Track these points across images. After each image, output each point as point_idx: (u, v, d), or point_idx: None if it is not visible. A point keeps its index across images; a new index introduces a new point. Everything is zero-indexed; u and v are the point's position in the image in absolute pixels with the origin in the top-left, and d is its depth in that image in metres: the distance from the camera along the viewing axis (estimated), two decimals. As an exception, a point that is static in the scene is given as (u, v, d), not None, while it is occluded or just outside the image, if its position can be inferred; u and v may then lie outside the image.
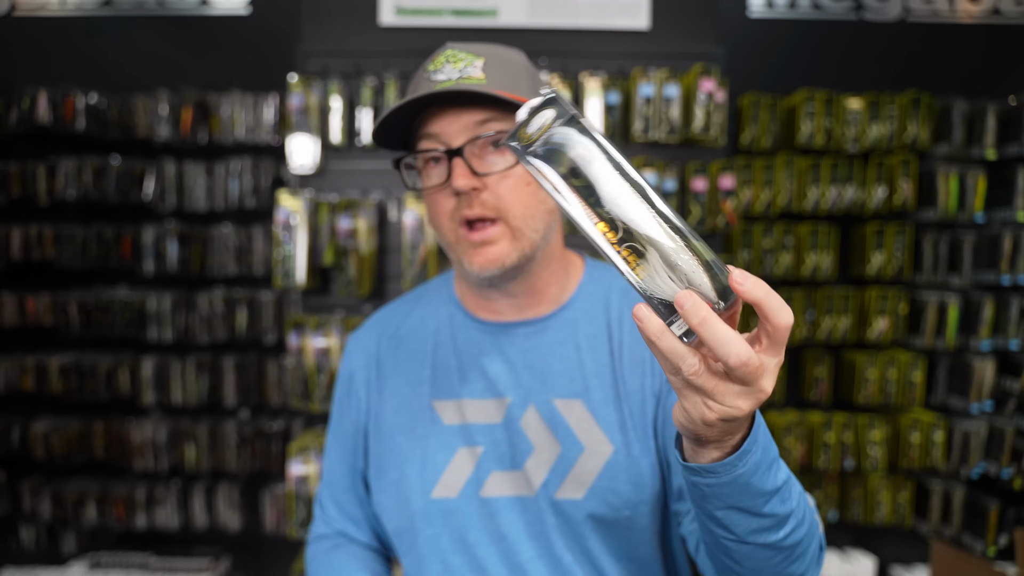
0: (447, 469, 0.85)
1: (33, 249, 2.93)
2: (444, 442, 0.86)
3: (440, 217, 0.82)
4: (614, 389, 0.84)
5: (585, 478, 0.82)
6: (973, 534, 2.73)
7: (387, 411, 0.90)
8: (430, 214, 0.85)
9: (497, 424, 0.85)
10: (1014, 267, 2.66)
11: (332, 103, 2.24)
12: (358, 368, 0.95)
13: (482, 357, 0.88)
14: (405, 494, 0.86)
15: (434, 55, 0.82)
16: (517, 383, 0.86)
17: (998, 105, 2.69)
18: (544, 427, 0.84)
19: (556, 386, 0.85)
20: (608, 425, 0.83)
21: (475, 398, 0.86)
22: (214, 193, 2.85)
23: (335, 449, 0.98)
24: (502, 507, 0.83)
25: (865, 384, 2.68)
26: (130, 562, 2.88)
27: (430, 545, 0.85)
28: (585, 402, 0.84)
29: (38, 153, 2.93)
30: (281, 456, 2.84)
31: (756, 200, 2.68)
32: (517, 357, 0.87)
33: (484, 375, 0.87)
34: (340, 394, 0.97)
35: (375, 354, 0.95)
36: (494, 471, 0.84)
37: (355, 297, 2.27)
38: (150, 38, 2.98)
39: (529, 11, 2.35)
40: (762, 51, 2.90)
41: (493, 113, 0.78)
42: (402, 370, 0.91)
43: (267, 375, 2.89)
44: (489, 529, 0.83)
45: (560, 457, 0.83)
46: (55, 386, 2.91)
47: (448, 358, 0.90)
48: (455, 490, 0.84)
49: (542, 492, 0.82)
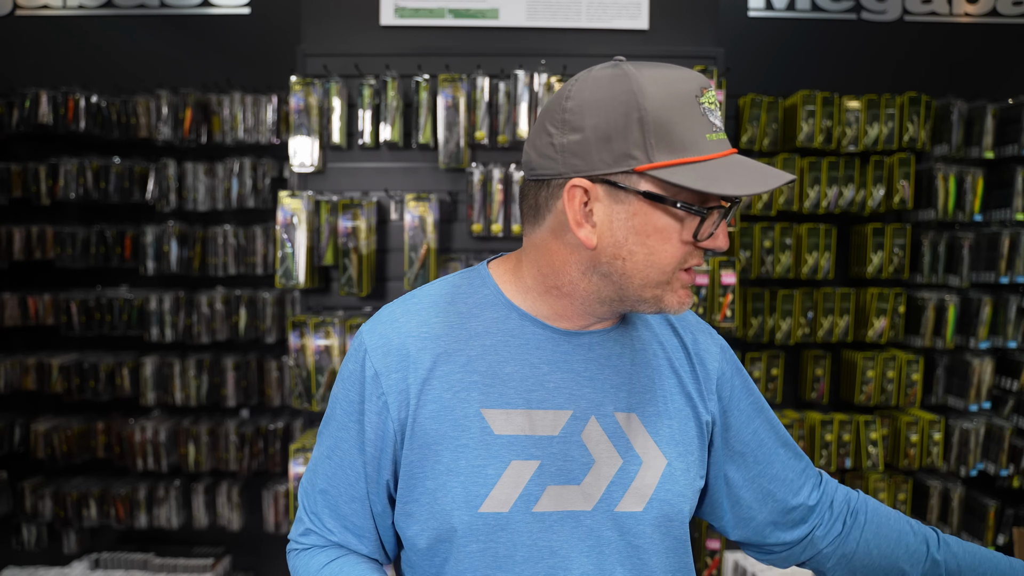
0: (499, 482, 0.81)
1: (34, 249, 2.94)
2: (495, 454, 0.81)
3: (667, 260, 0.77)
4: (664, 404, 0.86)
5: (645, 491, 0.82)
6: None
7: (423, 417, 0.83)
8: (647, 248, 0.77)
9: (556, 436, 0.82)
10: (1012, 267, 2.67)
11: (332, 103, 2.25)
12: (386, 370, 0.84)
13: (542, 364, 0.83)
14: (446, 507, 0.81)
15: (695, 83, 0.75)
16: (579, 395, 0.83)
17: (997, 106, 2.69)
18: (606, 440, 0.83)
19: (616, 398, 0.84)
20: (661, 439, 0.85)
21: (533, 408, 0.82)
22: (215, 193, 2.86)
23: (339, 456, 0.88)
24: (555, 522, 0.81)
25: (864, 384, 2.68)
26: (131, 561, 2.89)
27: (472, 561, 0.81)
28: (640, 415, 0.85)
29: (39, 153, 2.94)
30: (281, 455, 2.85)
31: (756, 200, 2.69)
32: (580, 367, 0.84)
33: (543, 384, 0.83)
34: (353, 396, 0.87)
35: (416, 358, 0.85)
36: (550, 485, 0.81)
37: (355, 297, 2.28)
38: (151, 38, 2.99)
39: (529, 11, 2.35)
40: (761, 51, 2.91)
41: None
42: (442, 373, 0.83)
43: (267, 375, 2.90)
44: (539, 545, 0.81)
45: (620, 470, 0.82)
46: (56, 386, 2.92)
47: (502, 364, 0.84)
48: (506, 505, 0.80)
49: (601, 506, 0.82)
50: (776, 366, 2.75)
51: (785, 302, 2.70)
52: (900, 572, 0.90)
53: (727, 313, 2.22)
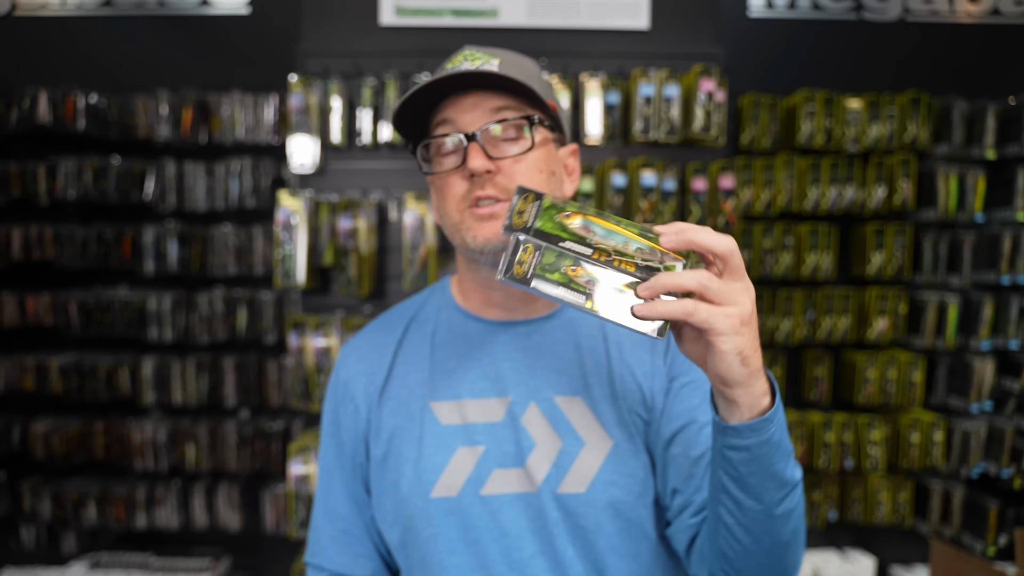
0: (446, 468, 0.85)
1: (33, 249, 2.93)
2: (442, 443, 0.86)
3: (449, 200, 0.84)
4: (611, 387, 0.87)
5: (587, 472, 0.83)
6: (973, 534, 2.73)
7: (385, 413, 0.91)
8: (438, 200, 0.86)
9: (498, 422, 0.86)
10: (1014, 267, 2.66)
11: (332, 103, 2.24)
12: (355, 376, 0.94)
13: (483, 356, 0.89)
14: (404, 495, 0.86)
15: (453, 54, 0.86)
16: (518, 381, 0.87)
17: (998, 105, 2.69)
18: (546, 423, 0.85)
19: (557, 383, 0.87)
20: (607, 421, 0.85)
21: (476, 397, 0.88)
22: (214, 193, 2.86)
23: (330, 463, 0.96)
24: (504, 504, 0.84)
25: (865, 384, 2.68)
26: (130, 562, 2.89)
27: (429, 546, 0.85)
28: (585, 399, 0.86)
29: (38, 153, 2.93)
30: (281, 456, 2.84)
31: (756, 200, 2.69)
32: (518, 355, 0.89)
33: (484, 374, 0.88)
34: (330, 408, 0.96)
35: (378, 362, 0.94)
36: (495, 469, 0.85)
37: (355, 297, 2.27)
38: (150, 38, 2.98)
39: (529, 11, 2.35)
40: (762, 51, 2.90)
41: (508, 102, 0.82)
42: (399, 373, 0.92)
43: (267, 375, 2.89)
44: (490, 527, 0.84)
45: (561, 452, 0.84)
46: (55, 386, 2.92)
47: (447, 359, 0.91)
48: (455, 489, 0.85)
49: (544, 487, 0.84)
50: (777, 366, 2.74)
51: (785, 302, 2.70)
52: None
53: (728, 313, 2.21)
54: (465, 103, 0.82)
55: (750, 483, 0.65)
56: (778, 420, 0.64)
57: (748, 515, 0.67)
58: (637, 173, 2.21)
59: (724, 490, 0.68)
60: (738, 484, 0.66)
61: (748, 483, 0.65)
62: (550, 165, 0.85)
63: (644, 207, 2.21)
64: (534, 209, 0.64)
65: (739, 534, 0.69)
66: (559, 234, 0.63)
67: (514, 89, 0.82)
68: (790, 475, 0.67)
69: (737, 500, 0.67)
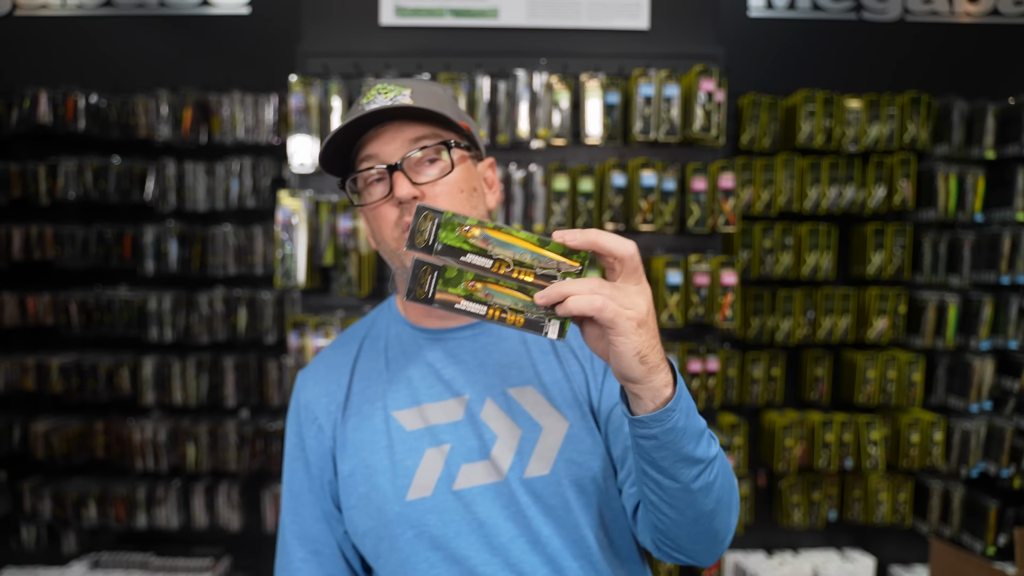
0: (418, 471, 0.89)
1: (34, 249, 2.93)
2: (411, 447, 0.91)
3: (383, 229, 0.90)
4: (561, 371, 0.93)
5: (548, 455, 0.89)
6: (972, 534, 2.73)
7: (349, 429, 0.95)
8: (372, 230, 0.93)
9: (460, 421, 0.91)
10: (1013, 267, 2.66)
11: (332, 103, 2.24)
12: (315, 396, 0.98)
13: (435, 362, 0.95)
14: (379, 504, 0.90)
15: (364, 91, 0.92)
16: (472, 380, 0.93)
17: (997, 105, 2.69)
18: (503, 416, 0.91)
19: (508, 377, 0.93)
20: (560, 404, 0.91)
21: (434, 401, 0.93)
22: (214, 193, 2.86)
23: (296, 486, 0.98)
24: (476, 496, 0.88)
25: (865, 384, 2.68)
26: (131, 562, 2.89)
27: (412, 546, 0.88)
28: (536, 387, 0.92)
29: (39, 153, 2.93)
30: (281, 456, 2.84)
31: (756, 200, 2.69)
32: (468, 357, 0.94)
33: (440, 379, 0.94)
34: (293, 431, 1.00)
35: (336, 381, 0.99)
36: (463, 464, 0.89)
37: (355, 297, 2.28)
38: (150, 38, 2.98)
39: (529, 11, 2.35)
40: (762, 51, 2.90)
41: (424, 130, 0.88)
42: (358, 389, 0.97)
43: (267, 375, 2.89)
44: (467, 519, 0.88)
45: (522, 439, 0.90)
46: (56, 386, 2.92)
47: (402, 370, 0.96)
48: (429, 489, 0.89)
49: (511, 474, 0.88)
50: (776, 366, 2.74)
51: (785, 302, 2.70)
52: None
53: (727, 313, 2.22)
54: (385, 136, 0.88)
55: (663, 466, 0.70)
56: (681, 407, 0.68)
57: (668, 492, 0.73)
58: (637, 173, 2.21)
59: (643, 472, 0.73)
60: (653, 467, 0.71)
61: (662, 466, 0.71)
62: (471, 182, 0.92)
63: (644, 207, 2.21)
64: (433, 227, 0.67)
65: (664, 509, 0.75)
66: (460, 247, 0.67)
67: (428, 117, 0.87)
68: (702, 453, 0.71)
69: (656, 480, 0.73)
